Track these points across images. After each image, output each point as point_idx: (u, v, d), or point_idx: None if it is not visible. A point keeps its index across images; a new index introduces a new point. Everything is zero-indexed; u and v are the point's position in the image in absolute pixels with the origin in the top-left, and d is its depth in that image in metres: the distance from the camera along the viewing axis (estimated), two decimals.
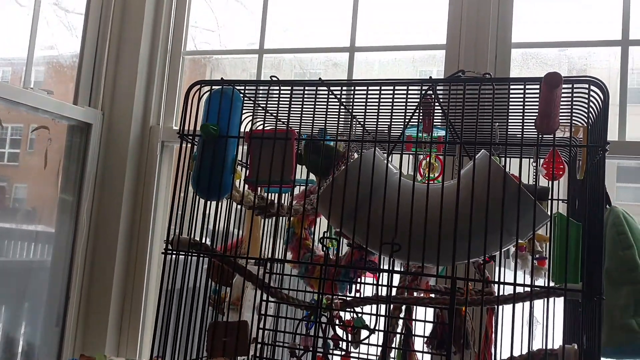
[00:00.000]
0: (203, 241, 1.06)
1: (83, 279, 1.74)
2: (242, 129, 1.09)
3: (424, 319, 1.07)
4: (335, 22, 1.71)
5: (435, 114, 1.05)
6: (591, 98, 0.88)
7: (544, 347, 0.88)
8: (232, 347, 0.97)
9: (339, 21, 1.68)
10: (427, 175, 1.15)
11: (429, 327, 1.13)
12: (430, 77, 0.94)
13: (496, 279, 0.99)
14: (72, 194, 1.75)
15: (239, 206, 1.10)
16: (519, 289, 0.94)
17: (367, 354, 1.01)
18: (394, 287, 1.14)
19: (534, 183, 1.12)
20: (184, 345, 1.04)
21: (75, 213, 1.75)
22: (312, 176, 1.12)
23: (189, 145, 1.08)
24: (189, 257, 1.06)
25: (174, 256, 1.05)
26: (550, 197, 0.99)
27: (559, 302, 1.09)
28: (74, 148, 1.77)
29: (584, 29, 1.55)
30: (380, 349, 1.05)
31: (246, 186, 1.08)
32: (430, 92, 0.97)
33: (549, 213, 0.97)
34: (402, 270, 1.05)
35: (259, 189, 1.10)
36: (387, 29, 1.70)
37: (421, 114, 1.05)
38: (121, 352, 1.74)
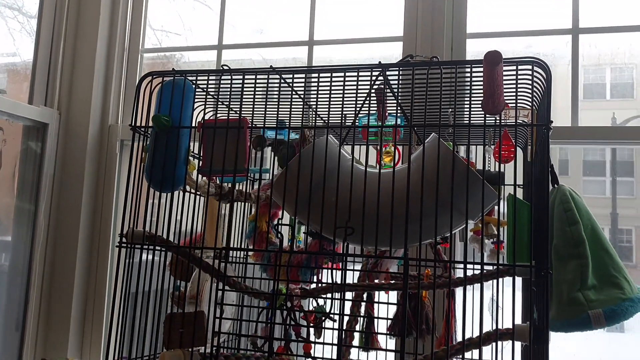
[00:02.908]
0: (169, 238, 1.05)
1: (43, 282, 1.70)
2: (195, 120, 1.08)
3: (386, 303, 1.08)
4: (296, 20, 1.72)
5: (388, 100, 1.06)
6: (535, 79, 0.90)
7: (498, 327, 0.90)
8: (188, 337, 0.96)
9: (300, 18, 1.69)
10: (382, 161, 1.16)
11: (393, 310, 1.14)
12: (380, 62, 0.95)
13: (454, 264, 1.00)
14: (29, 196, 1.71)
15: (197, 199, 1.09)
16: (471, 273, 0.96)
17: (332, 343, 1.01)
18: (356, 271, 1.15)
19: (488, 169, 1.14)
20: (142, 342, 1.03)
21: (33, 216, 1.71)
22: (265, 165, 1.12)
23: (141, 137, 1.07)
24: (147, 252, 1.05)
25: (130, 250, 1.04)
26: (501, 182, 1.01)
27: (518, 282, 1.12)
28: (30, 149, 1.73)
29: (541, 21, 1.59)
30: (341, 334, 1.05)
31: (201, 177, 1.08)
32: (381, 77, 0.98)
33: (503, 198, 0.99)
34: (360, 256, 1.06)
35: (215, 178, 1.09)
36: (345, 25, 1.72)
37: (374, 101, 1.06)
38: (84, 355, 1.70)
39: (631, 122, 1.77)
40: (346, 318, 1.13)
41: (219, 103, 1.12)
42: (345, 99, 0.99)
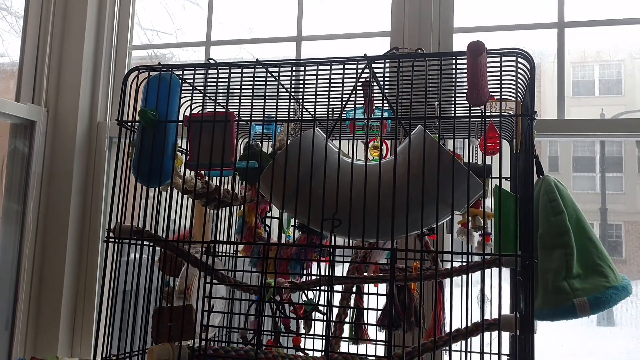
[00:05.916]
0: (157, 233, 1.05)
1: (32, 280, 1.70)
2: (182, 114, 1.08)
3: (375, 294, 1.08)
4: (285, 19, 1.73)
5: (375, 93, 1.06)
6: (519, 70, 0.91)
7: (486, 318, 0.91)
8: (177, 331, 0.96)
9: (288, 16, 1.70)
10: (370, 155, 1.16)
11: (383, 302, 1.15)
12: (365, 54, 0.95)
13: (440, 256, 1.00)
14: (17, 194, 1.70)
15: (185, 195, 1.09)
16: (457, 265, 0.97)
17: (321, 335, 1.02)
18: (345, 263, 1.16)
19: (475, 161, 1.15)
20: (131, 338, 1.03)
21: (22, 214, 1.70)
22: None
23: (129, 132, 1.06)
24: (135, 250, 1.05)
25: (118, 246, 1.04)
26: (487, 174, 1.01)
27: (506, 273, 1.12)
28: (17, 147, 1.72)
29: (528, 16, 1.61)
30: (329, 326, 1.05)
31: (188, 171, 1.08)
32: (367, 70, 0.98)
33: (490, 190, 1.00)
34: (347, 247, 1.06)
35: (203, 175, 1.09)
36: (334, 24, 1.73)
37: (361, 94, 1.06)
38: (75, 352, 1.70)
39: (619, 117, 1.79)
40: (335, 310, 1.13)
41: (206, 97, 1.12)
42: (331, 92, 1.00)
